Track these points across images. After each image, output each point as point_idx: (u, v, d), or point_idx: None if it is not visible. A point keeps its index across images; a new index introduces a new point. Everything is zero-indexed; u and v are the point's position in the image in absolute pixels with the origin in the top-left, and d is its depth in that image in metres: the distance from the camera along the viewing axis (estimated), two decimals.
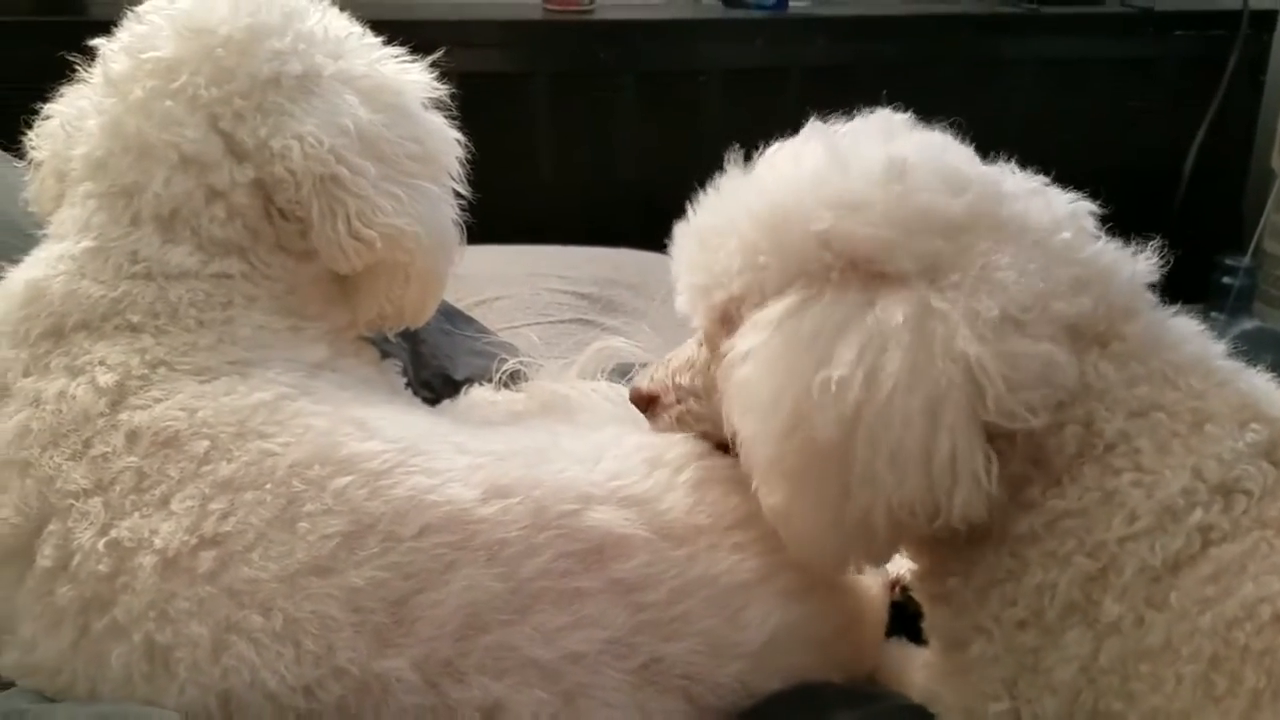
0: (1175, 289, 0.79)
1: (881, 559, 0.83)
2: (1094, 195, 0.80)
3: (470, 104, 1.01)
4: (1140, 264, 0.76)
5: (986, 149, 0.82)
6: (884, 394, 0.69)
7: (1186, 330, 0.77)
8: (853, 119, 0.83)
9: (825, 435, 0.70)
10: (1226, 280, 2.73)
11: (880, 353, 0.69)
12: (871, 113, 0.83)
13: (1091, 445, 0.72)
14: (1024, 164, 0.81)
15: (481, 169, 1.01)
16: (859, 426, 0.69)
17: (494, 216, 1.02)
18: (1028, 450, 0.72)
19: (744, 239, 0.78)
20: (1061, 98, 2.69)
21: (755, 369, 0.74)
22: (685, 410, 0.89)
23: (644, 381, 0.92)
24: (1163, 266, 0.78)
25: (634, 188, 2.48)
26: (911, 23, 2.62)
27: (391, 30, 1.00)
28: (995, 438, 0.71)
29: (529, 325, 1.59)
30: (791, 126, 0.86)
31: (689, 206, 0.87)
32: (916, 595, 0.84)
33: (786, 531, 0.76)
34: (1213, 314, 2.70)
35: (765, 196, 0.78)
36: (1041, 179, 0.80)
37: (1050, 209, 0.76)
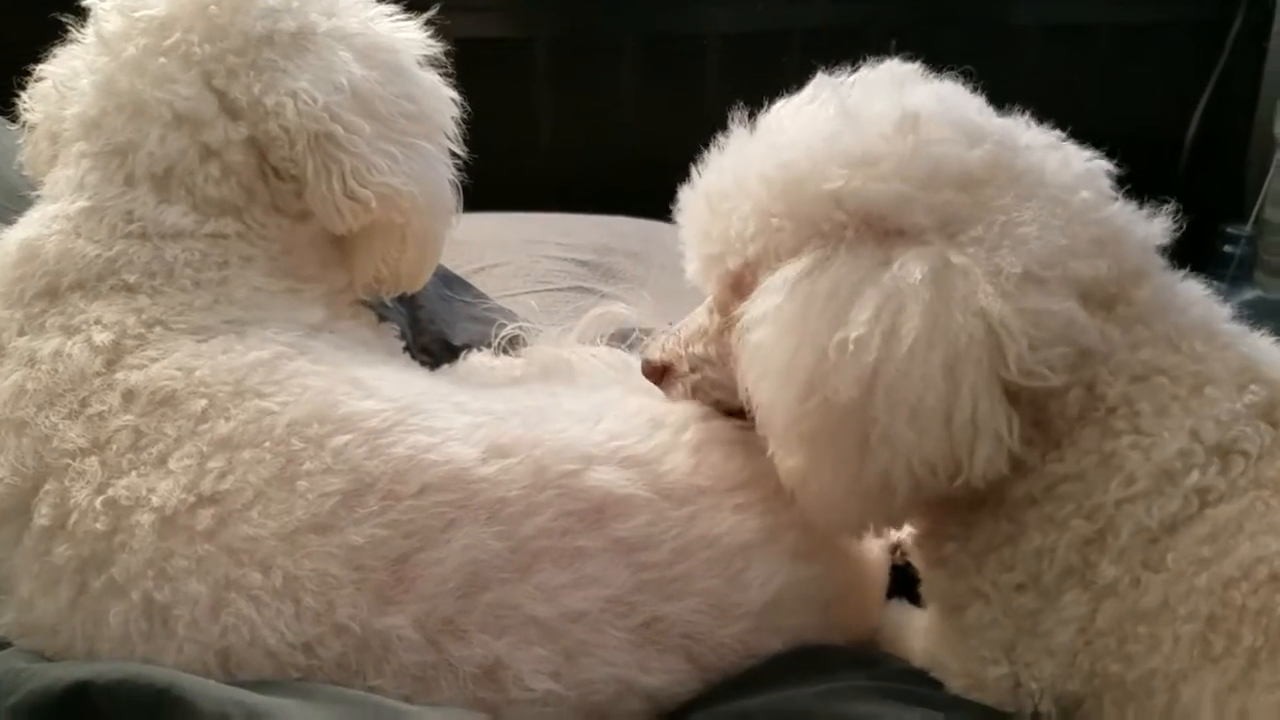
0: (1177, 257, 0.78)
1: (899, 521, 0.82)
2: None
3: (468, 69, 1.00)
4: (1153, 226, 0.76)
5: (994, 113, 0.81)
6: (903, 352, 0.68)
7: (1193, 294, 0.76)
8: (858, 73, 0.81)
9: (844, 396, 0.69)
10: (1228, 249, 2.71)
11: (899, 311, 0.68)
12: (879, 64, 0.81)
13: (1093, 408, 0.71)
14: None
15: (480, 135, 1.00)
16: (878, 386, 0.68)
17: (493, 183, 1.01)
18: (1030, 413, 0.71)
19: (756, 202, 0.76)
20: (1064, 64, 2.67)
21: (770, 332, 0.73)
22: (700, 379, 0.88)
23: (655, 352, 0.91)
24: (1165, 234, 0.78)
25: (635, 153, 2.45)
26: None
27: None
28: (1005, 391, 0.70)
29: (528, 293, 1.58)
30: (794, 89, 0.85)
31: (692, 171, 0.86)
32: (914, 559, 0.84)
33: (804, 494, 0.76)
34: (1214, 283, 2.69)
35: (775, 156, 0.77)
36: (1057, 133, 0.78)
37: (1069, 165, 0.75)
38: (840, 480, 0.72)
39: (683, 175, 0.86)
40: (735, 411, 0.86)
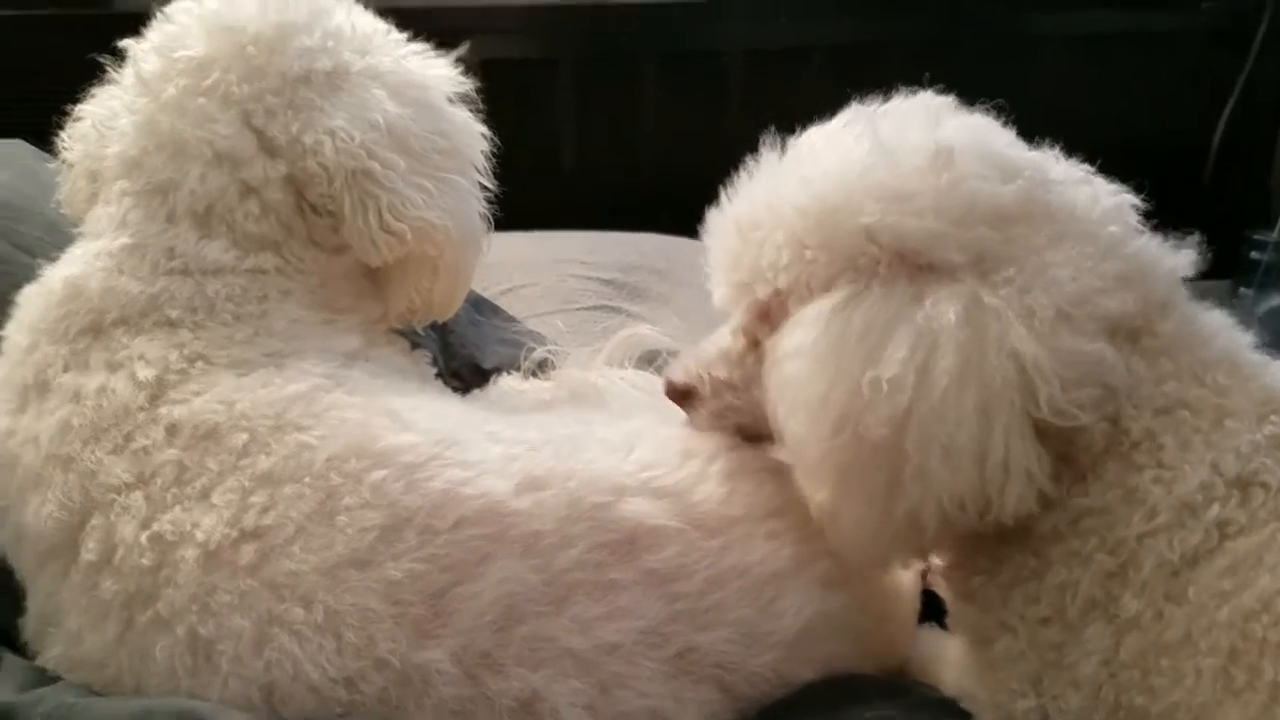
0: (1208, 264, 0.78)
1: (925, 555, 0.83)
2: (1121, 170, 0.79)
3: (493, 90, 1.01)
4: (1178, 258, 0.76)
5: (1013, 126, 0.81)
6: (938, 392, 0.68)
7: (1217, 325, 0.76)
8: (891, 100, 0.81)
9: (876, 434, 0.69)
10: (1255, 255, 2.70)
11: (932, 350, 0.69)
12: (912, 94, 0.82)
13: (1117, 442, 0.72)
14: (1051, 140, 0.80)
15: (504, 155, 1.01)
16: (911, 425, 0.69)
17: (517, 202, 1.02)
18: (1056, 447, 0.72)
19: (790, 233, 0.77)
20: (1088, 73, 2.66)
21: (803, 366, 0.73)
22: (723, 405, 0.88)
23: (678, 374, 0.91)
24: (1191, 242, 0.78)
25: (657, 171, 2.47)
26: (935, 0, 2.60)
27: (413, 16, 1.00)
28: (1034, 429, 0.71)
29: (554, 312, 1.59)
30: (816, 106, 0.85)
31: (716, 190, 0.86)
32: (942, 591, 0.84)
33: (833, 528, 0.76)
34: (1241, 289, 2.68)
35: (809, 188, 0.77)
36: (1086, 168, 0.79)
37: (1098, 201, 0.75)
38: (871, 515, 0.73)
39: (705, 191, 0.86)
40: (756, 436, 0.87)
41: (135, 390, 0.80)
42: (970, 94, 0.85)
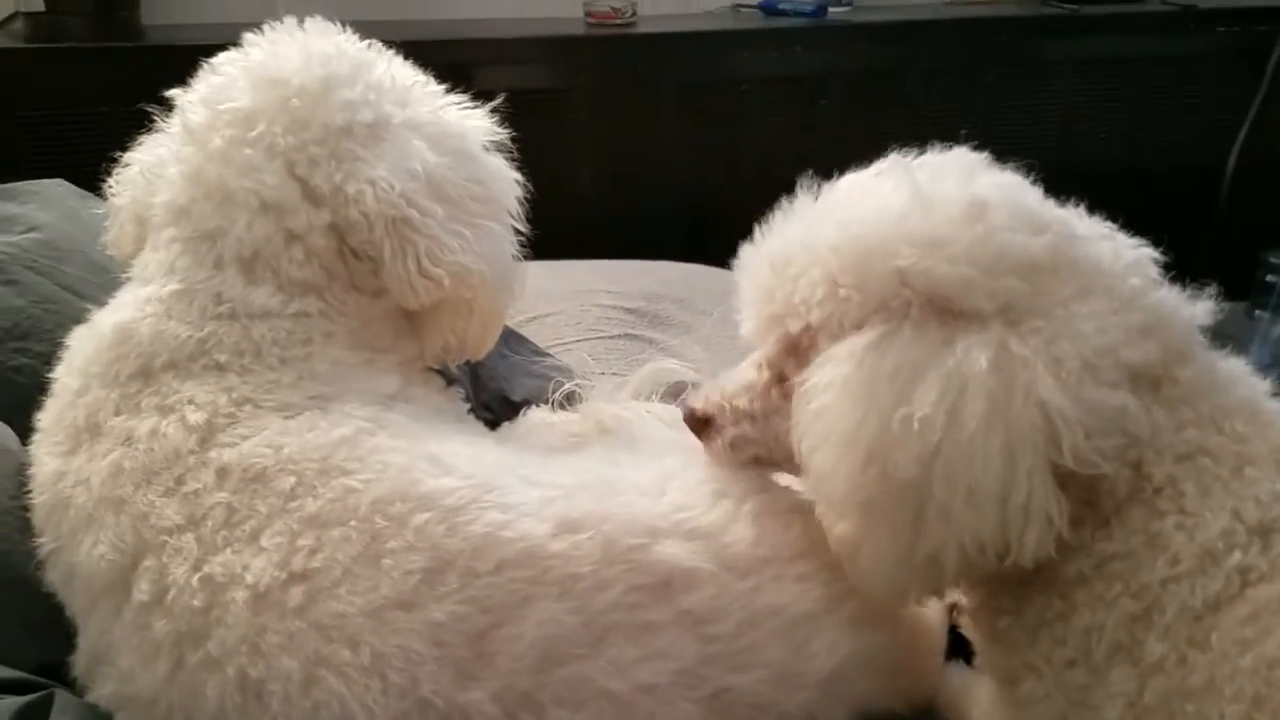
0: (1223, 286, 0.80)
1: (942, 593, 0.85)
2: (1138, 192, 0.81)
3: (514, 119, 1.04)
4: (1196, 308, 0.78)
5: (1030, 151, 0.83)
6: (966, 434, 0.70)
7: (1236, 372, 0.78)
8: (925, 155, 0.84)
9: (904, 472, 0.71)
10: (1270, 278, 2.70)
11: (962, 393, 0.71)
12: (950, 148, 0.84)
13: (1140, 488, 0.74)
14: (1067, 165, 0.82)
15: (526, 183, 1.03)
16: (938, 465, 0.71)
17: (538, 230, 1.04)
18: (1080, 492, 0.74)
19: (826, 270, 0.79)
20: (1103, 97, 2.68)
21: (834, 400, 0.75)
22: (739, 434, 0.91)
23: (698, 402, 0.93)
24: (1206, 264, 0.79)
25: (676, 199, 2.50)
26: (951, 27, 2.62)
27: (438, 49, 1.04)
28: (1055, 475, 0.72)
29: (579, 341, 1.62)
30: (834, 133, 0.87)
31: (734, 217, 0.88)
32: (969, 632, 0.86)
33: (852, 561, 0.78)
34: (1257, 312, 2.68)
35: (847, 230, 0.79)
36: (1110, 225, 0.81)
37: (1120, 255, 0.78)
38: (892, 551, 0.75)
39: (723, 218, 0.88)
40: (771, 468, 0.89)
41: (186, 434, 0.82)
42: (987, 119, 0.86)
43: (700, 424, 0.93)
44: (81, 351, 0.89)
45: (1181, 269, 0.82)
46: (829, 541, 0.79)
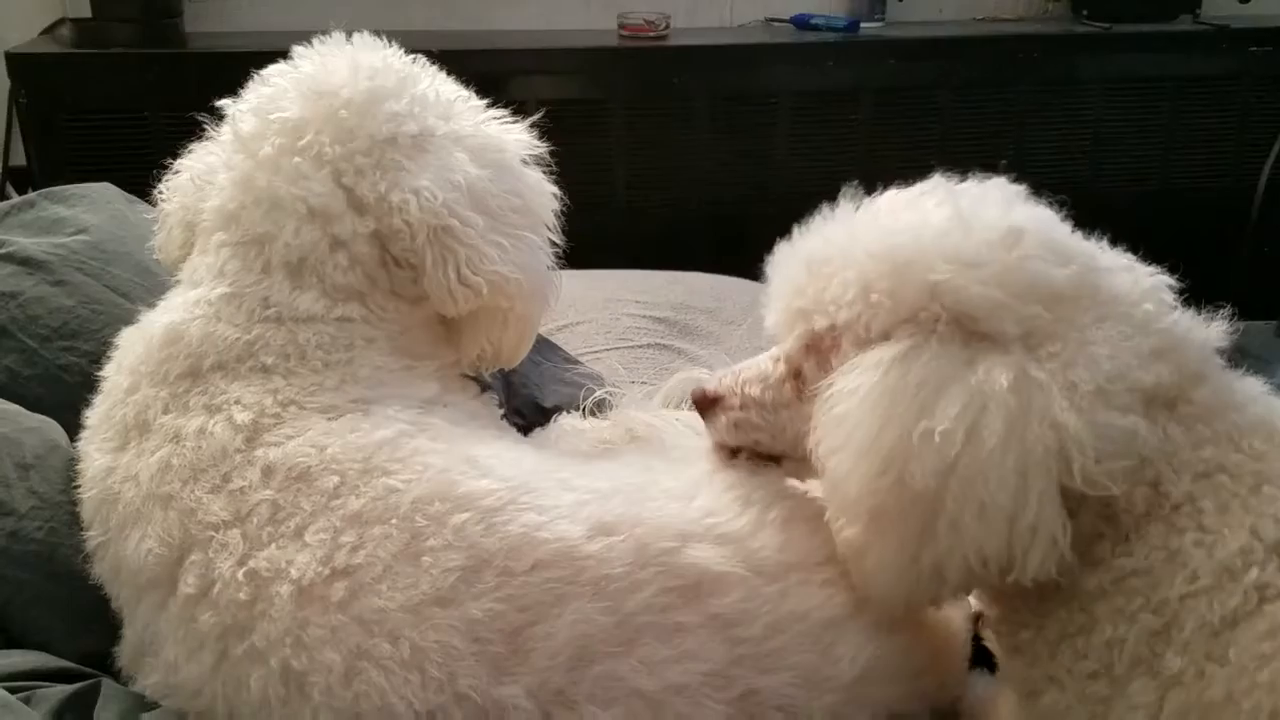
0: (1249, 307, 0.81)
1: (942, 604, 0.87)
2: (1168, 212, 0.83)
3: (547, 129, 1.06)
4: (1211, 331, 0.80)
5: (1060, 169, 0.84)
6: (983, 451, 0.72)
7: (1252, 392, 0.80)
8: (969, 180, 0.86)
9: (920, 482, 0.73)
10: None
11: (982, 412, 0.73)
12: (989, 177, 0.86)
13: (1159, 505, 0.75)
14: (1098, 183, 0.84)
15: (560, 195, 1.06)
16: (953, 478, 0.73)
17: (570, 240, 1.06)
18: (1098, 508, 0.76)
19: (861, 273, 0.81)
20: (1135, 116, 2.68)
21: (857, 408, 0.77)
22: (745, 418, 0.92)
23: (711, 383, 0.95)
24: (1237, 283, 0.80)
25: (708, 210, 2.52)
26: (982, 43, 2.63)
27: (476, 59, 1.06)
28: (1067, 495, 0.74)
29: (609, 349, 1.64)
30: (865, 146, 0.89)
31: (764, 229, 0.90)
32: (991, 645, 0.87)
33: (858, 565, 0.80)
34: None
35: (887, 240, 0.81)
36: (1130, 256, 0.83)
37: (1138, 284, 0.80)
38: (898, 558, 0.76)
39: (753, 230, 0.89)
40: (767, 456, 0.91)
41: (233, 433, 0.85)
42: (1018, 136, 0.87)
43: (709, 403, 0.95)
44: (131, 351, 0.92)
45: (1210, 288, 0.84)
46: (837, 543, 0.81)
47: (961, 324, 0.77)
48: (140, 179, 1.07)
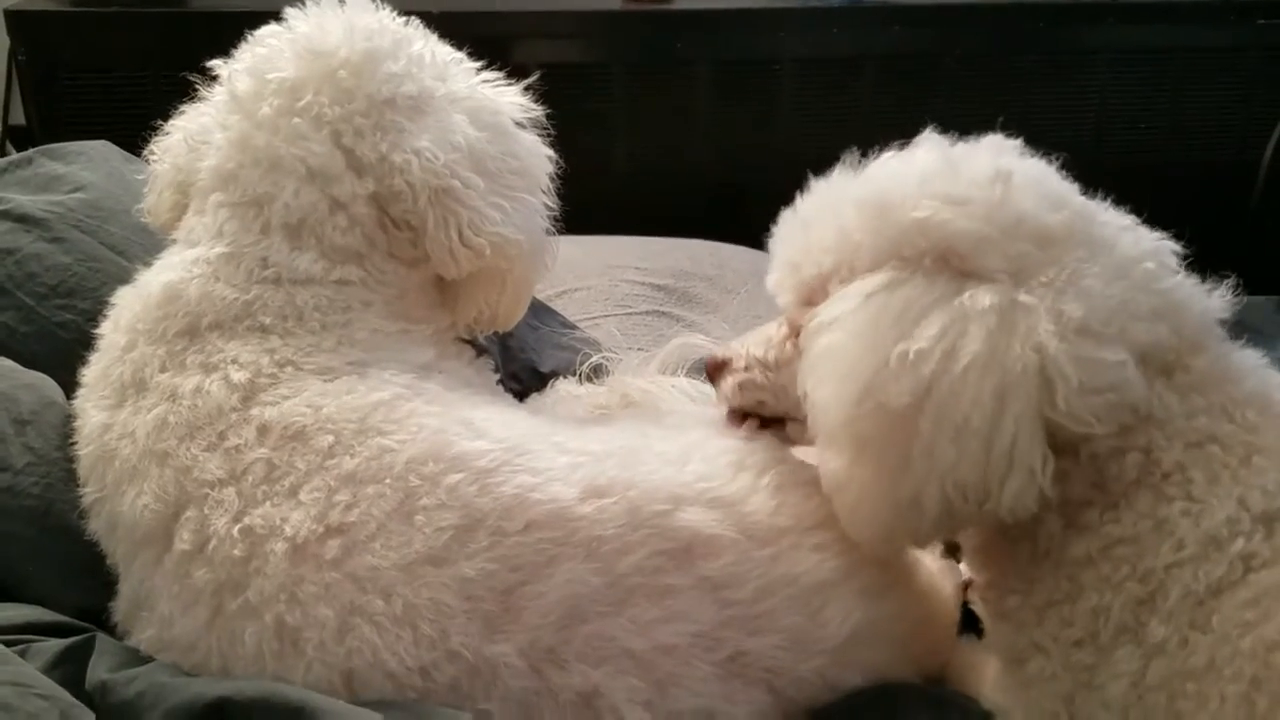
0: (1254, 280, 0.81)
1: (925, 541, 0.87)
2: (1172, 184, 0.82)
3: (548, 94, 1.05)
4: (1213, 300, 0.79)
5: (1064, 139, 0.84)
6: (959, 370, 0.72)
7: (1250, 364, 0.80)
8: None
9: (896, 403, 0.73)
10: None
11: (962, 333, 0.73)
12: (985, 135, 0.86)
13: (1149, 473, 0.75)
14: (1102, 153, 0.83)
15: (559, 159, 1.06)
16: (930, 399, 0.73)
17: (571, 206, 1.06)
18: (1090, 473, 0.76)
19: (842, 220, 0.82)
20: (1141, 87, 2.66)
21: (838, 336, 0.78)
22: (749, 379, 0.93)
23: (721, 350, 0.97)
24: (1239, 256, 0.79)
25: (710, 177, 2.51)
26: (989, 11, 2.60)
27: (474, 21, 1.05)
28: (1061, 455, 0.75)
29: (608, 316, 1.64)
30: (868, 114, 0.89)
31: (766, 196, 0.90)
32: (979, 611, 0.88)
33: (840, 499, 0.80)
34: None
35: (871, 184, 0.82)
36: (1133, 218, 0.82)
37: (1139, 243, 0.79)
38: (877, 488, 0.76)
39: (755, 197, 0.89)
40: (772, 418, 0.92)
41: (229, 391, 0.85)
42: (1023, 105, 0.86)
43: (717, 368, 0.96)
44: (129, 309, 0.93)
45: (1214, 260, 0.83)
46: (822, 478, 0.81)
47: (947, 260, 0.76)
48: (140, 138, 1.06)
